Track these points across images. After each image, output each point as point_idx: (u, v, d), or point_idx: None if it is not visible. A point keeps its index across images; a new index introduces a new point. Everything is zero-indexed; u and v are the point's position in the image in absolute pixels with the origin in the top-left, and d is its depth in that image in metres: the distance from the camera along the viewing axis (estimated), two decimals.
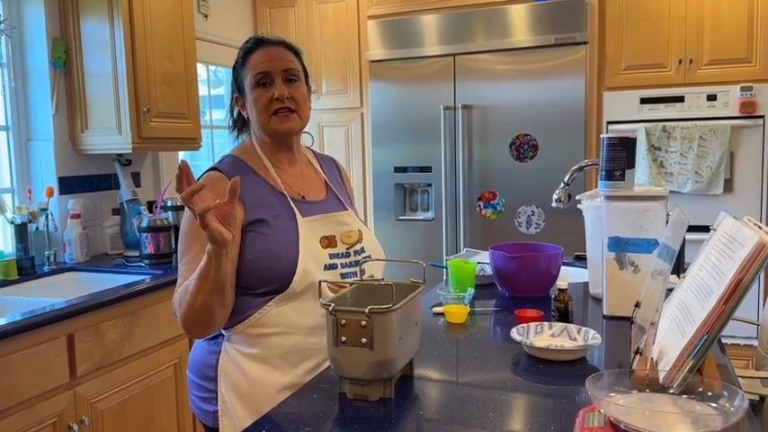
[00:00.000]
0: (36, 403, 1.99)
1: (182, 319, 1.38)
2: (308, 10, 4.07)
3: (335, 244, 1.53)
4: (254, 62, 1.51)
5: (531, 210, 3.65)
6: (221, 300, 1.35)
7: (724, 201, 3.33)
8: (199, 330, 1.40)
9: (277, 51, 1.53)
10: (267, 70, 1.50)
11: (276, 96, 1.48)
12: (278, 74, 1.50)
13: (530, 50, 3.57)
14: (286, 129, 1.52)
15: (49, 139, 2.83)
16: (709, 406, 0.98)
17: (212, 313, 1.36)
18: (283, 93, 1.49)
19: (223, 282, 1.32)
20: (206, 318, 1.36)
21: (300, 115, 1.53)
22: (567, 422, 1.09)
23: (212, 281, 1.29)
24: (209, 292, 1.31)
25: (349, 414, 1.17)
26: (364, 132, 4.06)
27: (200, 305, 1.33)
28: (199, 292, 1.31)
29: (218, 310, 1.36)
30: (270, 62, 1.50)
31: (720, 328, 1.04)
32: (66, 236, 2.82)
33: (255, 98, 1.51)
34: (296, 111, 1.52)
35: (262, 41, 1.55)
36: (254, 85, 1.51)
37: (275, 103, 1.49)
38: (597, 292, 1.89)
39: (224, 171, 1.50)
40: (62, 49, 2.83)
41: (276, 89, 1.49)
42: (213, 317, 1.37)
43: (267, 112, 1.50)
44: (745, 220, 1.14)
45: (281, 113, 1.50)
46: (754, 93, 3.27)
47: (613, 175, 1.73)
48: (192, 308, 1.34)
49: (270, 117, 1.50)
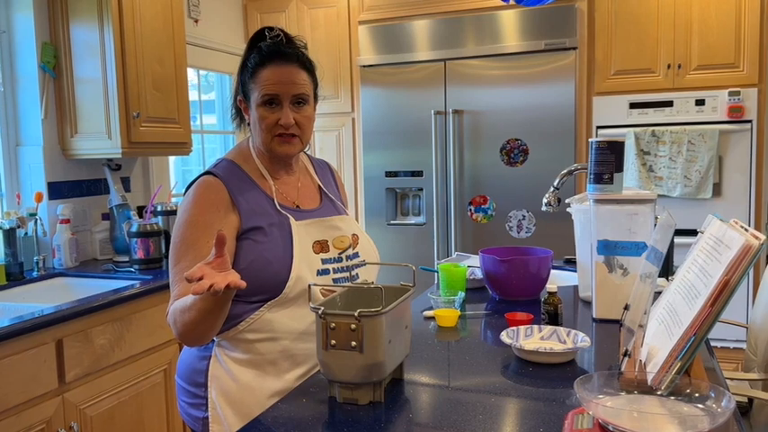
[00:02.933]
0: (24, 410, 1.97)
1: (179, 336, 1.38)
2: (299, 15, 4.08)
3: (328, 249, 1.52)
4: (263, 79, 1.45)
5: (522, 214, 3.66)
6: (221, 320, 1.36)
7: (713, 205, 3.35)
8: (196, 344, 1.42)
9: (290, 73, 1.46)
10: (276, 93, 1.45)
11: (281, 123, 1.46)
12: (287, 98, 1.46)
13: (520, 56, 3.59)
14: (285, 152, 1.50)
15: (38, 144, 2.82)
16: (696, 407, 0.99)
17: (212, 331, 1.37)
18: (289, 120, 1.45)
19: (225, 309, 1.33)
20: (204, 335, 1.37)
21: (302, 139, 1.51)
22: (556, 424, 1.10)
23: (216, 312, 1.31)
24: (212, 320, 1.32)
25: (339, 418, 1.16)
26: (355, 137, 4.07)
27: (202, 330, 1.34)
28: (201, 321, 1.31)
29: (218, 326, 1.37)
30: (280, 85, 1.45)
31: (708, 329, 1.05)
32: (56, 241, 2.80)
33: (260, 116, 1.47)
34: (299, 135, 1.49)
35: (277, 54, 1.47)
36: (261, 103, 1.47)
37: (279, 127, 1.46)
38: (587, 296, 1.90)
39: (220, 176, 1.48)
40: (51, 54, 2.82)
41: (282, 115, 1.45)
42: (212, 334, 1.38)
43: (270, 133, 1.47)
44: (731, 223, 1.15)
45: (284, 137, 1.48)
46: (742, 98, 3.30)
47: (602, 179, 1.74)
48: (193, 330, 1.34)
49: (272, 138, 1.48)
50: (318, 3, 4.03)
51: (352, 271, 1.53)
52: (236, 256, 1.43)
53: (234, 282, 1.17)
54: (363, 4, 3.92)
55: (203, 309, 1.28)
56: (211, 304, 1.27)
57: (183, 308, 1.33)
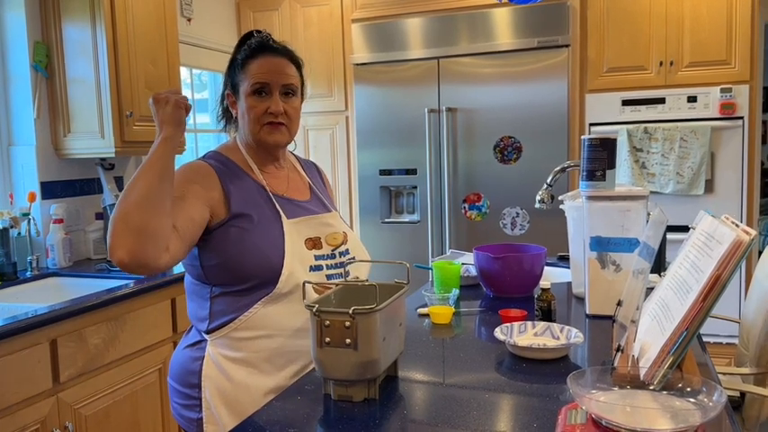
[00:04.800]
0: (18, 410, 1.97)
1: (113, 223, 1.23)
2: (291, 13, 4.07)
3: (321, 245, 1.53)
4: (254, 69, 1.49)
5: (516, 211, 3.67)
6: (160, 193, 1.26)
7: (705, 201, 3.37)
8: (130, 237, 1.21)
9: (279, 63, 1.50)
10: (266, 81, 1.48)
11: (271, 110, 1.48)
12: (277, 87, 1.49)
13: (513, 53, 3.60)
14: (274, 141, 1.52)
15: (30, 144, 2.81)
16: (688, 401, 1.00)
17: (148, 207, 1.24)
18: (279, 108, 1.48)
19: (170, 172, 1.30)
20: (143, 210, 1.23)
21: (290, 129, 1.53)
22: (549, 420, 1.10)
23: (160, 167, 1.28)
24: (152, 180, 1.26)
25: (333, 415, 1.17)
26: (349, 135, 4.07)
27: (139, 196, 1.24)
28: (140, 179, 1.26)
29: (154, 204, 1.24)
30: (270, 74, 1.48)
31: (699, 324, 1.06)
32: (49, 241, 2.79)
33: (250, 106, 1.50)
34: (287, 125, 1.52)
35: (266, 47, 1.52)
36: (251, 93, 1.49)
37: (269, 115, 1.49)
38: (580, 292, 1.91)
39: (210, 163, 1.49)
40: (44, 53, 2.81)
41: (272, 103, 1.48)
42: (148, 211, 1.23)
43: (259, 122, 1.50)
44: (722, 219, 1.16)
45: (273, 125, 1.50)
46: (734, 94, 3.32)
47: (594, 176, 1.75)
48: (127, 199, 1.24)
49: (261, 127, 1.50)
50: (311, 1, 4.02)
51: (345, 267, 1.53)
52: (224, 244, 1.41)
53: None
54: (356, 2, 3.92)
55: (149, 161, 1.28)
56: (159, 149, 1.30)
57: (124, 192, 1.26)
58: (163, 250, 1.26)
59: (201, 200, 1.40)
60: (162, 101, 1.35)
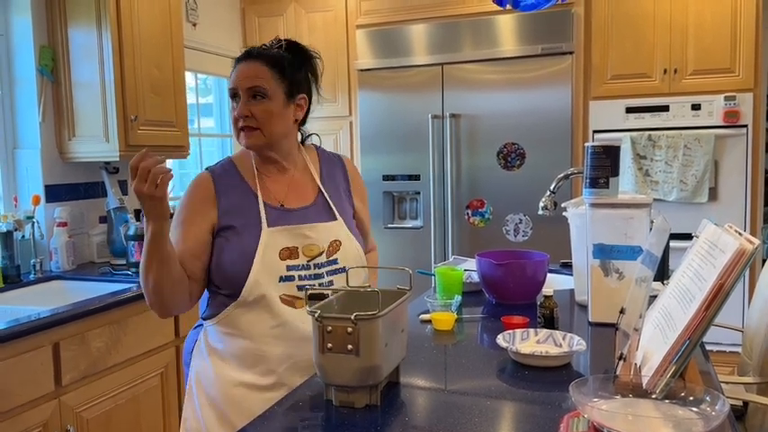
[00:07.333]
0: (21, 412, 1.97)
1: (147, 300, 1.49)
2: (296, 19, 4.09)
3: (297, 256, 1.53)
4: (232, 76, 1.56)
5: (519, 218, 3.67)
6: (169, 275, 1.43)
7: (709, 209, 3.36)
8: (159, 308, 1.50)
9: (250, 69, 1.52)
10: (234, 87, 1.54)
11: (234, 115, 1.54)
12: (242, 91, 1.52)
13: (517, 60, 3.60)
14: (247, 145, 1.55)
15: (35, 147, 2.82)
16: (690, 410, 0.99)
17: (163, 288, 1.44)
18: (241, 112, 1.51)
19: (168, 256, 1.42)
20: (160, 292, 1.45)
21: (264, 132, 1.52)
22: (551, 428, 1.10)
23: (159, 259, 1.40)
24: (157, 269, 1.42)
25: (335, 421, 1.17)
26: (353, 141, 4.07)
27: (153, 283, 1.44)
28: (149, 271, 1.42)
29: (167, 284, 1.44)
30: (238, 80, 1.53)
31: (702, 333, 1.06)
32: (53, 244, 2.80)
33: (231, 111, 1.57)
34: (259, 128, 1.52)
35: (247, 55, 1.57)
36: (231, 99, 1.57)
37: (240, 120, 1.53)
38: (582, 299, 1.90)
39: (212, 173, 1.58)
40: (49, 57, 2.82)
41: (238, 107, 1.53)
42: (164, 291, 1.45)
43: (236, 127, 1.55)
44: (726, 227, 1.16)
45: (245, 130, 1.53)
46: (738, 102, 3.31)
47: (598, 183, 1.75)
48: (147, 286, 1.45)
49: (238, 132, 1.55)
50: (316, 7, 4.04)
51: (325, 278, 1.54)
52: (212, 251, 1.53)
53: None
54: (361, 8, 3.93)
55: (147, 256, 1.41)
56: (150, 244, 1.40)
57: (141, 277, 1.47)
58: (186, 301, 1.52)
59: (203, 224, 1.53)
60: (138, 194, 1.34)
